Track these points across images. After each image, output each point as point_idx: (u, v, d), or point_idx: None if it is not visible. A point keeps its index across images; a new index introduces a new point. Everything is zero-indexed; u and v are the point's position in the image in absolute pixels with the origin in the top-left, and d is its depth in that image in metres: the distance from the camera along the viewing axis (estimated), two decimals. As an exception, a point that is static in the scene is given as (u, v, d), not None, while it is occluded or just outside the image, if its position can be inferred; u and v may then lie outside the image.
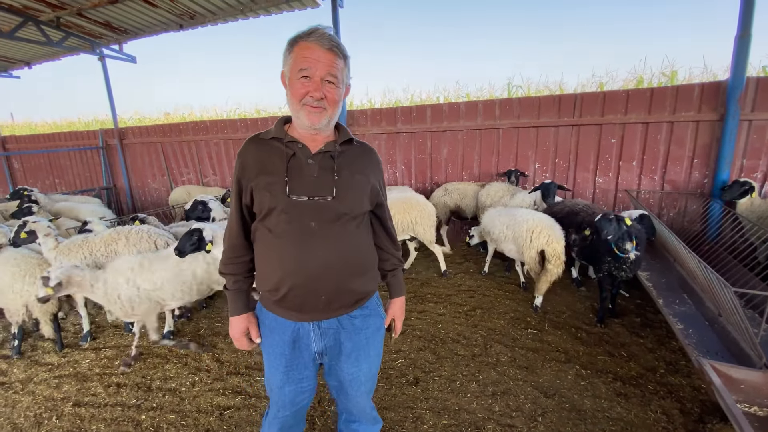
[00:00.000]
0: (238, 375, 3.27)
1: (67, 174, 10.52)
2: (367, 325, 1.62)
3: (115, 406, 2.97)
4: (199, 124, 8.37)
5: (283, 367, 1.57)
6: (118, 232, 3.88)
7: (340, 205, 1.43)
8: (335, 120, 1.47)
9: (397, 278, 1.75)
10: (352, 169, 1.48)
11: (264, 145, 1.47)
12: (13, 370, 3.55)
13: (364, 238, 1.55)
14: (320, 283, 1.45)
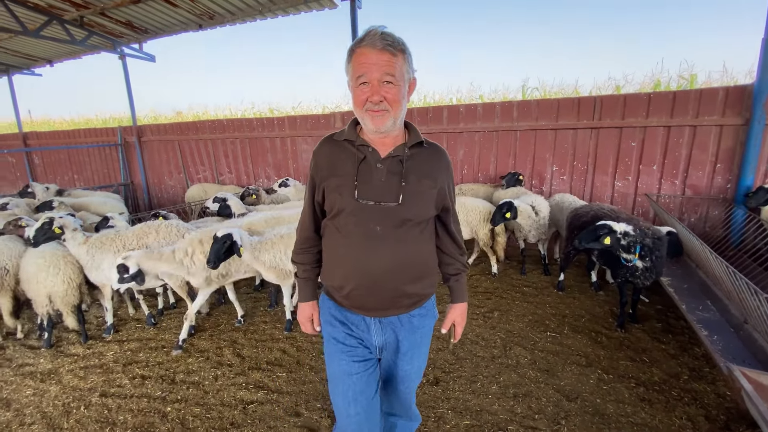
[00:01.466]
0: (260, 370, 3.31)
1: (85, 170, 10.72)
2: (424, 324, 1.64)
3: (140, 398, 3.03)
4: (216, 123, 8.47)
5: (346, 355, 1.57)
6: (148, 226, 4.00)
7: (405, 211, 1.43)
8: (401, 119, 1.44)
9: (460, 283, 1.73)
10: (419, 174, 1.47)
11: (337, 146, 1.50)
12: (39, 360, 3.64)
13: (426, 243, 1.56)
14: (381, 285, 1.48)
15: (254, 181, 8.34)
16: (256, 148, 8.15)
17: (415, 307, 1.59)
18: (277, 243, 3.72)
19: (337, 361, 1.58)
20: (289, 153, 7.83)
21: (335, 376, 1.61)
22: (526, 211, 4.58)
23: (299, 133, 7.59)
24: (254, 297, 4.84)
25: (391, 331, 1.59)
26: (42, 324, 3.87)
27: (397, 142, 1.48)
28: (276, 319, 4.23)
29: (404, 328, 1.59)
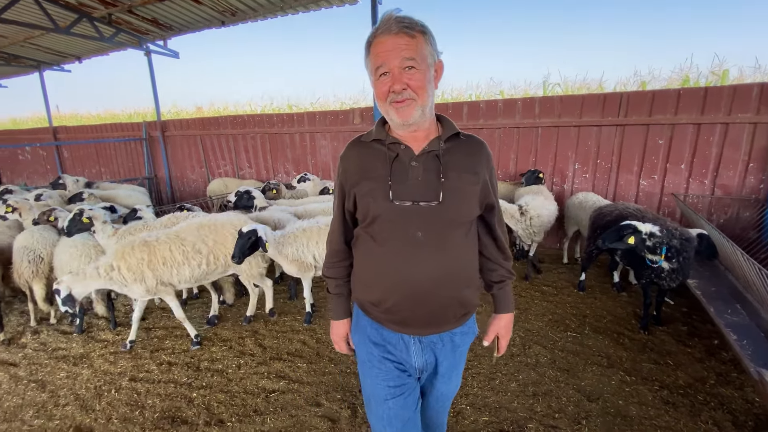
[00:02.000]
0: (281, 360, 3.39)
1: (112, 163, 11.07)
2: (464, 342, 1.50)
3: (167, 383, 3.15)
4: (237, 118, 8.62)
5: (381, 380, 1.43)
6: (176, 217, 4.10)
7: (448, 211, 1.29)
8: (429, 107, 1.28)
9: (505, 291, 1.53)
10: (460, 169, 1.31)
11: (365, 148, 1.38)
12: (72, 345, 3.81)
13: (470, 248, 1.40)
14: (425, 298, 1.33)
15: (273, 176, 8.47)
16: (276, 144, 8.26)
17: (459, 325, 1.44)
18: (299, 236, 3.78)
19: (372, 384, 1.46)
20: (307, 148, 7.91)
21: (370, 397, 1.49)
22: (509, 211, 4.48)
23: (318, 129, 7.65)
24: (274, 289, 4.92)
25: (430, 351, 1.44)
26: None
27: (430, 135, 1.34)
28: (296, 311, 4.30)
29: (445, 348, 1.45)
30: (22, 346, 3.80)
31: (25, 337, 3.95)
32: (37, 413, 2.85)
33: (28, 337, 3.94)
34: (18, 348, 3.75)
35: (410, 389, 1.46)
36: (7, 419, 2.80)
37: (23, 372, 3.37)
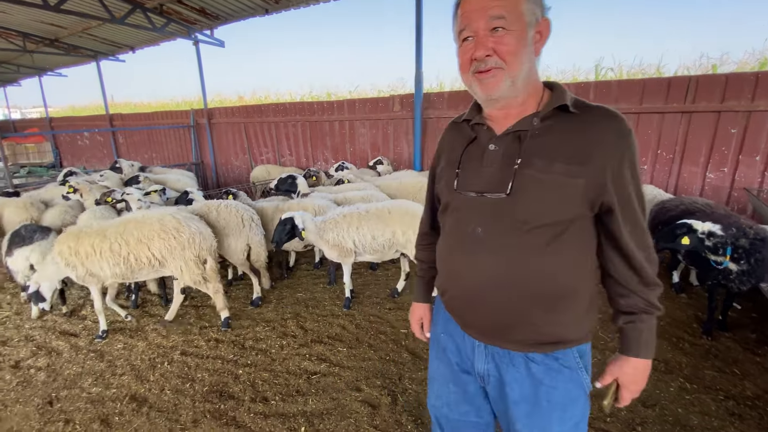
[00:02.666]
0: (322, 343, 3.43)
1: (162, 149, 11.67)
2: (553, 383, 1.12)
3: (215, 359, 3.28)
4: (279, 106, 8.77)
5: (445, 364, 1.34)
6: (208, 206, 4.10)
7: (517, 207, 1.05)
8: (523, 77, 1.03)
9: (636, 328, 1.11)
10: (553, 154, 1.02)
11: (455, 130, 1.26)
12: (127, 318, 4.05)
13: (564, 258, 1.07)
14: (482, 304, 1.15)
15: (313, 163, 8.57)
16: (316, 131, 8.34)
17: (537, 351, 1.13)
18: (340, 222, 3.79)
19: (434, 367, 1.40)
20: (346, 136, 7.92)
21: (432, 380, 1.42)
22: None
23: (357, 117, 7.63)
24: (314, 274, 5.01)
25: (492, 361, 1.20)
26: (129, 286, 4.30)
27: (526, 112, 1.09)
28: (335, 296, 4.35)
29: (516, 371, 1.16)
30: (82, 317, 4.09)
31: (85, 309, 4.25)
32: (95, 381, 3.07)
33: (88, 309, 4.23)
34: (78, 320, 4.05)
35: (469, 383, 1.29)
36: (68, 386, 3.02)
37: (83, 342, 3.63)
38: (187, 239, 3.43)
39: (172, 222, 3.43)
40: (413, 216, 3.76)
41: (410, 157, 7.16)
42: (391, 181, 5.51)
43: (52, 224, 4.42)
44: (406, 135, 7.11)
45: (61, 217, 4.63)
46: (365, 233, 3.78)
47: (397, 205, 3.89)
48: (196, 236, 3.47)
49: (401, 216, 3.77)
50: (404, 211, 3.80)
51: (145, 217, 3.49)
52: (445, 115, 6.60)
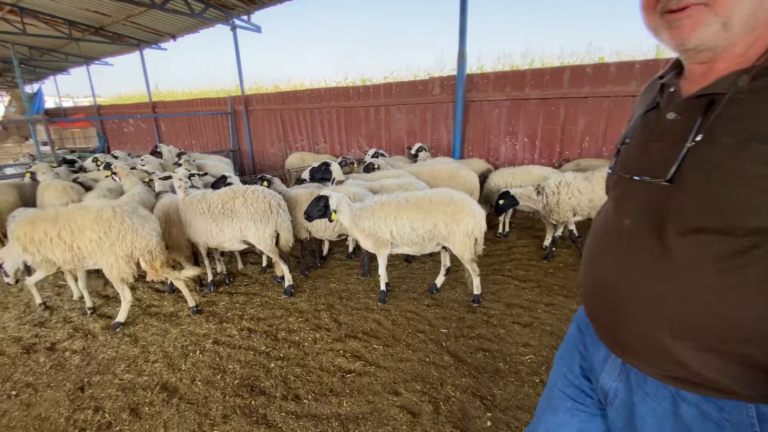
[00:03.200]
0: (356, 339, 3.21)
1: (201, 136, 11.88)
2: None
3: (247, 350, 3.14)
4: (314, 92, 8.59)
5: (563, 371, 1.15)
6: (234, 191, 3.91)
7: (681, 201, 0.77)
8: (746, 14, 0.70)
9: None
10: (753, 131, 0.69)
11: (649, 90, 1.00)
12: (163, 303, 4.02)
13: (748, 287, 0.71)
14: (613, 311, 0.91)
15: (347, 151, 8.36)
16: (350, 118, 8.10)
17: (690, 389, 0.82)
18: (377, 210, 3.53)
19: (553, 372, 1.21)
20: (382, 122, 7.63)
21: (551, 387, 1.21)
22: (526, 194, 4.51)
23: (393, 102, 7.30)
24: (348, 264, 4.81)
25: (625, 381, 0.94)
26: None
27: (730, 68, 0.76)
28: (369, 288, 4.12)
29: (654, 401, 0.87)
30: (119, 300, 4.09)
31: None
32: (128, 367, 3.01)
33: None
34: (116, 302, 4.05)
35: (585, 408, 1.07)
36: (101, 371, 2.98)
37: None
38: (117, 235, 3.23)
39: (107, 214, 3.26)
40: (457, 206, 3.43)
41: (449, 144, 6.77)
42: (423, 168, 5.18)
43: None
44: (446, 120, 6.72)
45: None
46: (404, 224, 3.49)
47: (440, 194, 3.57)
48: (128, 233, 3.27)
49: (444, 206, 3.45)
50: (447, 200, 3.48)
51: (88, 206, 3.38)
52: (491, 98, 6.15)
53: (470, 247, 3.49)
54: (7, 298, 4.21)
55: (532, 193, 4.49)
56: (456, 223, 3.42)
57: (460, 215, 3.42)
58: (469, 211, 3.42)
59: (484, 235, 3.54)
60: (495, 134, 6.28)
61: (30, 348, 3.31)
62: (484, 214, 3.55)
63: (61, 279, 4.59)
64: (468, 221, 3.41)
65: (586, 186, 4.29)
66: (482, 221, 3.48)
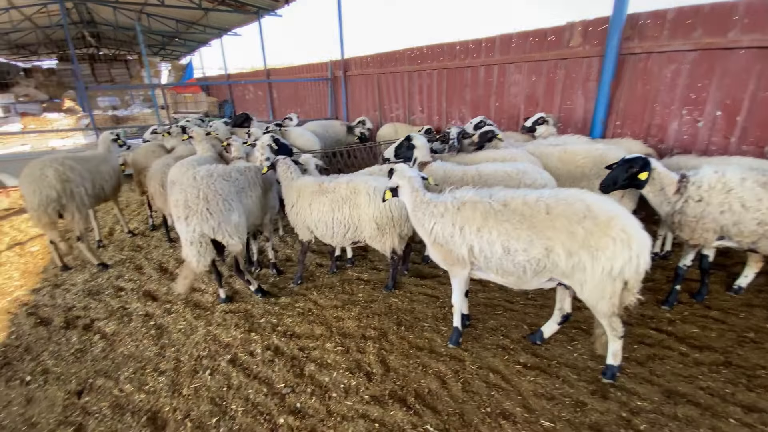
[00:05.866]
0: (404, 405, 2.16)
1: (305, 104, 11.78)
2: None
3: (262, 383, 2.37)
4: (415, 51, 7.35)
5: None
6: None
7: None
8: None
9: None
10: None
11: None
12: (209, 288, 3.56)
13: None
14: None
15: (447, 122, 7.03)
16: (454, 81, 6.69)
17: None
18: (450, 211, 2.33)
19: None
20: (493, 86, 6.05)
21: None
22: (666, 180, 2.73)
23: (511, 58, 5.64)
24: (420, 272, 3.71)
25: None
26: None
27: None
28: (441, 315, 2.98)
29: None
30: (173, 277, 3.79)
31: (181, 267, 3.94)
32: (134, 374, 2.53)
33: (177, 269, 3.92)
34: (168, 279, 3.75)
35: None
36: (109, 372, 2.56)
37: (156, 310, 3.24)
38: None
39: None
40: (599, 224, 1.99)
41: (587, 115, 4.93)
42: (551, 149, 3.63)
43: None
44: (585, 82, 4.86)
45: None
46: (492, 240, 2.21)
47: (568, 198, 2.14)
48: None
49: (572, 220, 2.04)
50: (580, 212, 2.04)
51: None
52: (664, 48, 4.11)
53: (612, 295, 2.05)
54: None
55: (671, 185, 2.70)
56: (591, 253, 2.00)
57: (601, 240, 1.98)
58: (621, 234, 1.95)
59: (642, 276, 2.04)
60: (664, 104, 4.25)
61: (71, 323, 3.14)
62: (648, 241, 2.01)
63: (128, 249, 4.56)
64: (616, 252, 1.95)
65: (760, 199, 2.44)
66: (644, 253, 1.98)
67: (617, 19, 4.25)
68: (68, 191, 3.55)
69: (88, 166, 3.98)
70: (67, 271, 3.97)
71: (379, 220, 3.00)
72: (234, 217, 2.99)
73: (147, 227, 5.15)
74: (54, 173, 3.47)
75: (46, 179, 3.43)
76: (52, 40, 17.29)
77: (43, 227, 3.52)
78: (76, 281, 3.79)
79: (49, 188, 3.42)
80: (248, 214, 3.20)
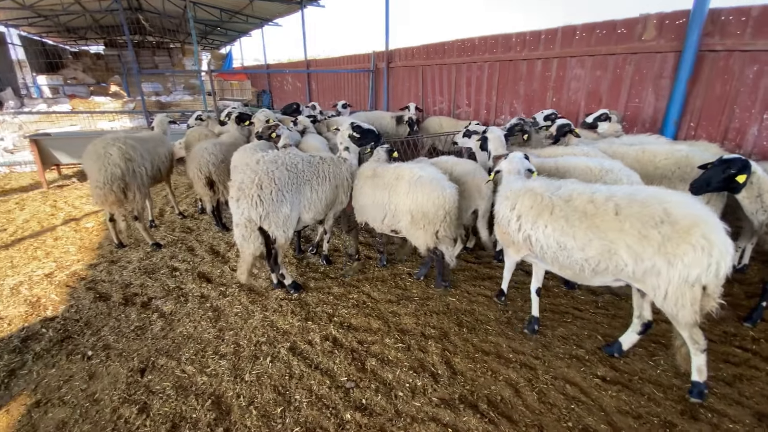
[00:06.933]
0: (477, 412, 2.04)
1: (344, 96, 11.72)
2: None
3: (324, 374, 2.31)
4: (466, 43, 7.12)
5: None
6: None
7: None
8: None
9: None
10: None
11: None
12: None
13: None
14: None
15: (496, 118, 6.79)
16: (506, 75, 6.43)
17: None
18: (509, 199, 2.19)
19: None
20: (550, 81, 5.76)
21: None
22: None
23: (574, 51, 5.34)
24: (477, 272, 3.56)
25: None
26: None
27: None
28: (505, 319, 2.83)
29: None
30: (225, 260, 3.80)
31: (232, 251, 3.97)
32: (194, 356, 2.52)
33: (234, 252, 3.94)
34: (221, 262, 3.76)
35: None
36: (170, 352, 2.56)
37: (212, 292, 3.24)
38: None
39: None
40: (678, 228, 1.83)
41: (657, 114, 4.60)
42: (626, 149, 3.38)
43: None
44: (657, 79, 4.53)
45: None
46: (548, 234, 2.14)
47: (641, 198, 1.97)
48: None
49: (644, 223, 1.89)
50: (658, 215, 1.88)
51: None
52: (748, 46, 3.76)
53: (692, 302, 1.86)
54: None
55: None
56: (668, 259, 1.83)
57: (679, 246, 1.81)
58: (700, 240, 1.78)
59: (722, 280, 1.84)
60: (744, 106, 3.89)
61: (129, 300, 3.18)
62: (731, 246, 1.83)
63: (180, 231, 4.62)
64: (695, 259, 1.79)
65: None
66: (725, 259, 1.79)
67: (698, 12, 3.92)
68: (131, 170, 3.60)
69: (147, 146, 4.04)
70: (122, 249, 4.07)
71: (415, 213, 2.87)
72: (284, 209, 2.90)
73: (196, 210, 5.22)
74: (118, 151, 3.53)
75: (110, 157, 3.49)
76: (101, 26, 17.94)
77: (109, 205, 3.58)
78: (132, 259, 3.86)
79: (113, 166, 3.48)
80: (309, 208, 3.11)
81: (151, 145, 4.12)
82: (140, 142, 3.95)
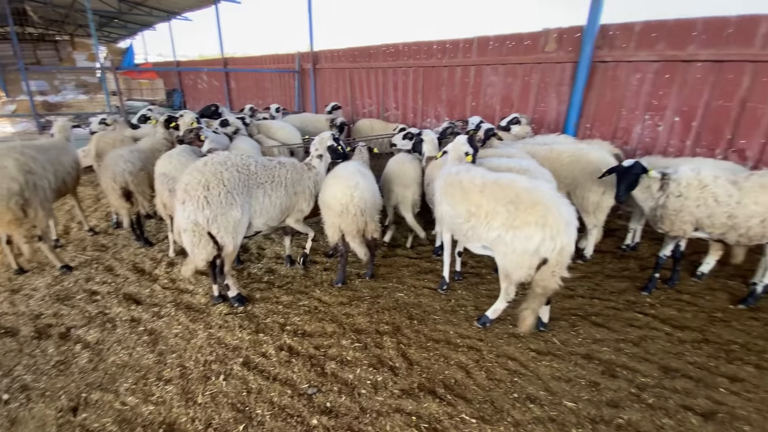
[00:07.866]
0: (435, 397, 2.20)
1: (267, 96, 11.32)
2: None
3: (284, 385, 2.28)
4: (390, 48, 7.38)
5: None
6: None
7: None
8: None
9: None
10: None
11: None
12: (198, 289, 3.34)
13: None
14: None
15: (422, 120, 7.16)
16: (430, 80, 6.82)
17: None
18: (440, 178, 2.42)
19: None
20: (469, 87, 6.25)
21: None
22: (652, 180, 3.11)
23: (488, 60, 5.87)
24: (418, 266, 3.76)
25: None
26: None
27: None
28: (449, 308, 3.06)
29: None
30: (153, 278, 3.50)
31: (160, 268, 3.66)
32: (135, 385, 2.31)
33: (162, 269, 3.64)
34: (149, 281, 3.46)
35: None
36: (104, 384, 2.32)
37: (143, 314, 2.98)
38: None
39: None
40: (518, 205, 2.42)
41: (559, 117, 5.27)
42: (538, 148, 3.85)
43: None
44: (559, 86, 5.19)
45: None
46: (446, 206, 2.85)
47: (503, 182, 2.57)
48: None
49: (494, 198, 2.53)
50: (505, 195, 2.50)
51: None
52: (632, 57, 4.51)
53: (528, 267, 2.40)
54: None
55: (655, 182, 3.06)
56: (513, 232, 2.41)
57: (521, 221, 2.36)
58: (540, 218, 2.31)
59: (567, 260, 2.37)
60: (630, 109, 4.67)
61: (43, 332, 2.78)
62: (574, 224, 2.35)
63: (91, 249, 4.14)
64: (533, 232, 2.32)
65: (731, 195, 2.81)
66: (567, 238, 2.30)
67: (591, 28, 4.59)
68: (31, 184, 3.12)
69: (49, 156, 3.53)
70: (23, 275, 3.51)
71: (321, 206, 3.23)
72: (234, 212, 2.79)
73: (110, 224, 4.69)
74: (14, 163, 3.03)
75: (5, 170, 2.98)
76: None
77: (6, 225, 3.05)
78: (37, 285, 3.36)
79: (10, 180, 2.98)
80: (261, 213, 3.00)
81: (53, 154, 3.61)
82: (40, 151, 3.44)
